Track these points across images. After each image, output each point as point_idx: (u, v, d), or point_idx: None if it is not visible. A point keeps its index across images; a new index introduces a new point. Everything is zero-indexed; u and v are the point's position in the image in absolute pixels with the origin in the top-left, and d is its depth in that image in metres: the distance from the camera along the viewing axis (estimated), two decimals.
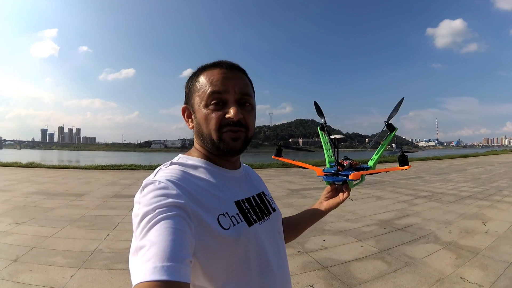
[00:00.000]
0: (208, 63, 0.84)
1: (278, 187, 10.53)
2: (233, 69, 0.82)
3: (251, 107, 0.83)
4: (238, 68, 0.84)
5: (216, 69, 0.81)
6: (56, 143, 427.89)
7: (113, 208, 6.97)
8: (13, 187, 9.76)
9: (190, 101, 0.83)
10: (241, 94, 0.80)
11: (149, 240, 0.54)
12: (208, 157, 0.83)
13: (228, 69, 0.81)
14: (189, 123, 0.85)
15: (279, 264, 0.84)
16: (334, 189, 1.17)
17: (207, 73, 0.81)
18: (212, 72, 0.80)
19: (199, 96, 0.80)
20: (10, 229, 5.04)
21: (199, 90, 0.80)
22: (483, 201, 7.77)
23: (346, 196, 1.12)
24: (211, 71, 0.81)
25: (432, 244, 4.48)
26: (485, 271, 3.51)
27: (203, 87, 0.79)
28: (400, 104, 1.17)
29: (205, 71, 0.82)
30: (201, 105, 0.78)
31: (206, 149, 0.83)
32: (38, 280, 3.23)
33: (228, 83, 0.78)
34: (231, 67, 0.82)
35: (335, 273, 3.50)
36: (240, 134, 0.79)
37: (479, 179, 12.37)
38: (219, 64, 0.82)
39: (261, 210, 0.86)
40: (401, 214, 6.44)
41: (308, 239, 4.65)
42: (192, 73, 0.87)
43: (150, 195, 0.63)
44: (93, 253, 4.04)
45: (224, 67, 0.81)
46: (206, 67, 0.83)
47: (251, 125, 0.82)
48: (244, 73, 0.85)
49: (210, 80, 0.79)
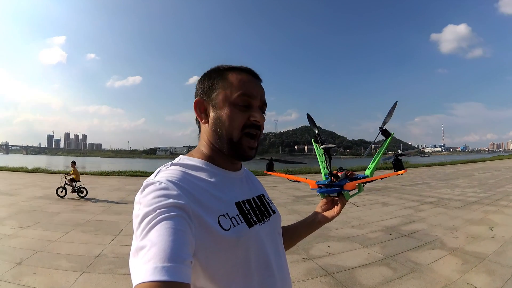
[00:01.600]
0: (233, 65, 0.86)
1: (283, 193, 10.50)
2: (258, 78, 0.87)
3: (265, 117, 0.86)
4: (260, 78, 0.88)
5: (246, 74, 0.83)
6: (62, 149, 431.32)
7: (118, 213, 7.01)
8: (19, 191, 9.87)
9: (211, 95, 0.82)
10: (262, 103, 0.84)
11: (149, 240, 0.54)
12: (211, 158, 0.83)
13: (255, 77, 0.85)
14: (203, 118, 0.84)
15: (279, 265, 0.83)
16: (330, 201, 1.13)
17: (236, 75, 0.82)
18: (242, 75, 0.82)
19: (225, 93, 0.80)
20: (15, 233, 5.08)
21: (227, 88, 0.80)
22: (490, 206, 7.67)
23: (340, 209, 1.09)
24: (240, 74, 0.82)
25: (438, 250, 4.42)
26: (491, 277, 3.45)
27: (233, 86, 0.80)
28: (394, 108, 1.15)
29: (233, 71, 0.83)
30: (227, 102, 0.79)
31: (214, 148, 0.83)
32: (41, 283, 3.24)
33: (257, 90, 0.82)
34: (257, 75, 0.86)
35: (340, 280, 3.47)
36: (255, 144, 0.82)
37: (485, 185, 12.22)
38: (247, 70, 0.85)
39: (261, 211, 0.86)
40: (407, 220, 6.38)
41: (313, 246, 4.62)
42: (212, 69, 0.87)
43: (150, 195, 0.63)
44: (97, 258, 4.05)
45: (252, 74, 0.85)
46: (233, 68, 0.84)
47: (262, 131, 0.85)
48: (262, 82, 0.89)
49: (241, 81, 0.81)
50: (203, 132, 0.85)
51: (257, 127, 0.80)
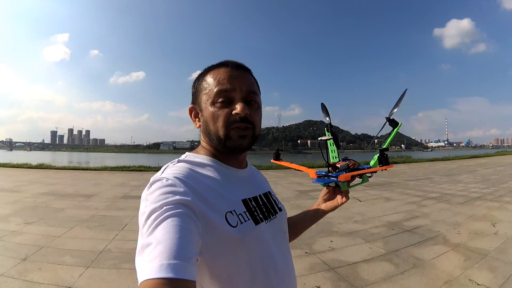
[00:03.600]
0: (215, 63, 0.85)
1: (287, 188, 10.49)
2: (239, 68, 0.83)
3: (257, 106, 0.83)
4: (244, 67, 0.85)
5: (222, 68, 0.81)
6: (66, 145, 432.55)
7: (122, 209, 7.04)
8: (23, 188, 9.92)
9: (197, 100, 0.84)
10: (247, 93, 0.80)
11: (155, 238, 0.55)
12: (215, 155, 0.83)
13: (234, 68, 0.82)
14: (196, 122, 0.86)
15: (285, 264, 0.84)
16: (332, 191, 1.13)
17: (213, 72, 0.81)
18: (219, 71, 0.81)
19: (206, 94, 0.80)
20: (20, 229, 5.12)
21: (206, 89, 0.80)
22: (493, 202, 7.63)
23: (344, 200, 1.08)
24: (217, 70, 0.82)
25: (441, 246, 4.42)
26: (494, 273, 3.45)
27: (210, 86, 0.79)
28: (403, 97, 1.12)
29: (212, 70, 0.83)
30: (208, 103, 0.79)
31: (213, 147, 0.83)
32: (46, 278, 3.27)
33: (234, 81, 0.79)
34: (237, 66, 0.83)
35: (343, 275, 3.48)
36: (248, 132, 0.79)
37: (489, 180, 12.15)
38: (225, 64, 0.83)
39: (267, 209, 0.86)
40: (410, 216, 6.37)
41: (316, 240, 4.63)
42: (199, 73, 0.87)
43: (157, 192, 0.63)
44: (102, 253, 4.08)
45: (230, 66, 0.82)
46: (212, 67, 0.84)
47: (258, 123, 0.83)
48: (249, 72, 0.86)
49: (217, 78, 0.79)
50: (201, 134, 0.86)
51: (244, 120, 0.78)
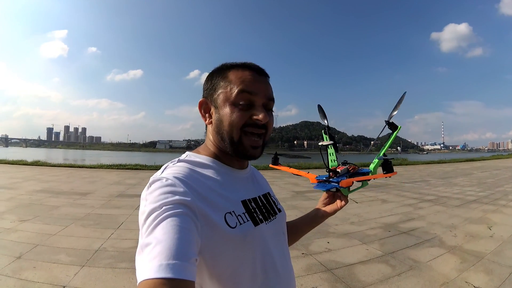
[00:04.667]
0: (235, 62, 0.84)
1: (283, 189, 10.50)
2: (262, 74, 0.83)
3: (271, 113, 0.83)
4: (266, 73, 0.85)
5: (247, 71, 0.80)
6: (62, 142, 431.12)
7: (118, 207, 7.01)
8: (18, 185, 9.85)
9: (213, 96, 0.81)
10: (267, 99, 0.80)
11: (155, 237, 0.54)
12: (217, 156, 0.82)
13: (258, 72, 0.82)
14: (207, 118, 0.84)
15: (284, 265, 0.83)
16: (332, 195, 1.12)
17: (236, 72, 0.80)
18: (243, 72, 0.80)
19: (225, 92, 0.78)
20: (14, 226, 5.08)
21: (227, 86, 0.78)
22: (489, 205, 7.68)
23: (343, 204, 1.08)
24: (241, 71, 0.80)
25: (437, 248, 4.43)
26: (490, 276, 3.46)
27: (232, 85, 0.78)
28: (402, 100, 1.11)
29: (234, 69, 0.81)
30: (228, 102, 0.77)
31: (219, 147, 0.82)
32: (41, 277, 3.24)
33: (258, 86, 0.79)
34: (261, 71, 0.83)
35: (339, 276, 3.48)
36: (260, 141, 0.79)
37: (484, 184, 12.24)
38: (249, 66, 0.82)
39: (267, 210, 0.86)
40: (406, 218, 6.39)
41: (313, 241, 4.63)
42: (216, 68, 0.85)
43: (157, 192, 0.63)
44: (97, 252, 4.05)
45: (254, 70, 0.81)
46: (234, 66, 0.82)
47: (270, 130, 0.82)
48: (268, 79, 0.86)
49: (241, 79, 0.78)
50: (208, 132, 0.84)
51: (260, 126, 0.77)
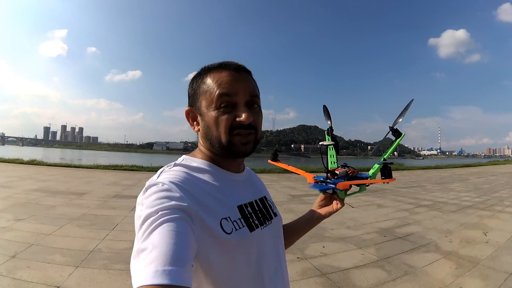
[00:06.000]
0: (213, 64, 0.81)
1: (279, 192, 10.48)
2: (241, 71, 0.80)
3: (258, 109, 0.81)
4: (245, 69, 0.82)
5: (224, 71, 0.78)
6: (59, 142, 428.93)
7: (114, 208, 6.97)
8: (14, 184, 9.79)
9: (196, 103, 0.80)
10: (250, 96, 0.78)
11: (151, 243, 0.54)
12: (213, 159, 0.82)
13: (236, 71, 0.79)
14: (194, 126, 0.82)
15: (280, 270, 0.84)
16: (328, 197, 1.11)
17: (214, 75, 0.78)
18: (220, 74, 0.77)
19: (206, 98, 0.77)
20: (10, 225, 5.05)
21: (206, 92, 0.77)
22: (485, 211, 7.71)
23: (339, 207, 1.07)
24: (218, 73, 0.78)
25: (433, 253, 4.44)
26: (485, 281, 3.48)
27: (211, 90, 0.76)
28: (408, 107, 1.09)
29: (211, 72, 0.79)
30: (210, 108, 0.76)
31: (212, 151, 0.81)
32: (35, 277, 3.22)
33: (237, 85, 0.76)
34: (239, 68, 0.80)
35: (334, 280, 3.48)
36: (250, 138, 0.78)
37: (481, 189, 12.28)
38: (225, 66, 0.79)
39: (263, 214, 0.85)
40: (402, 223, 6.40)
41: (308, 245, 4.62)
42: (195, 74, 0.83)
43: (153, 196, 0.62)
44: (92, 252, 4.03)
45: (232, 68, 0.79)
46: (211, 68, 0.80)
47: (259, 127, 0.81)
48: (250, 75, 0.83)
49: (218, 82, 0.76)
50: (199, 138, 0.84)
51: (247, 126, 0.75)
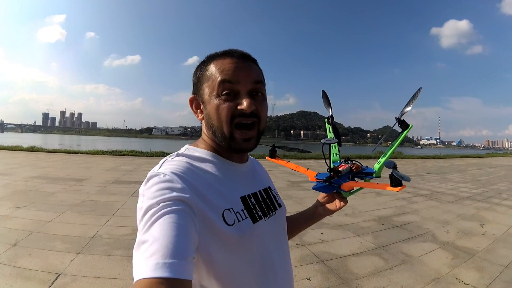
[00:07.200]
0: (218, 51, 0.80)
1: (279, 178, 10.50)
2: (245, 59, 0.78)
3: (263, 97, 0.79)
4: (250, 57, 0.80)
5: (227, 58, 0.76)
6: (58, 128, 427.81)
7: (113, 194, 7.00)
8: (13, 171, 9.78)
9: (199, 91, 0.79)
10: (253, 84, 0.76)
11: (151, 235, 0.53)
12: (216, 149, 0.81)
13: (240, 58, 0.77)
14: (198, 114, 0.81)
15: (282, 261, 0.83)
16: (331, 195, 1.07)
17: (217, 62, 0.76)
18: (223, 61, 0.76)
19: (209, 86, 0.75)
20: (10, 213, 5.06)
21: (209, 80, 0.75)
22: (482, 203, 7.76)
23: (343, 205, 1.04)
24: (221, 60, 0.76)
25: (430, 243, 4.49)
26: (480, 273, 3.52)
27: (214, 77, 0.74)
28: (417, 96, 1.01)
29: (215, 60, 0.77)
30: (212, 96, 0.74)
31: (215, 141, 0.80)
32: (37, 265, 3.24)
33: (240, 73, 0.74)
34: (243, 56, 0.78)
35: (332, 267, 3.53)
36: (252, 132, 0.76)
37: (479, 181, 12.34)
38: (230, 53, 0.77)
39: (267, 205, 0.85)
40: (400, 212, 6.45)
41: (307, 232, 4.65)
42: (200, 61, 0.82)
43: (154, 187, 0.62)
44: (92, 239, 4.06)
45: (236, 56, 0.77)
46: (215, 56, 0.79)
47: (263, 116, 0.78)
48: (255, 63, 0.81)
49: (221, 69, 0.74)
50: (203, 127, 0.82)
51: (249, 115, 0.74)
